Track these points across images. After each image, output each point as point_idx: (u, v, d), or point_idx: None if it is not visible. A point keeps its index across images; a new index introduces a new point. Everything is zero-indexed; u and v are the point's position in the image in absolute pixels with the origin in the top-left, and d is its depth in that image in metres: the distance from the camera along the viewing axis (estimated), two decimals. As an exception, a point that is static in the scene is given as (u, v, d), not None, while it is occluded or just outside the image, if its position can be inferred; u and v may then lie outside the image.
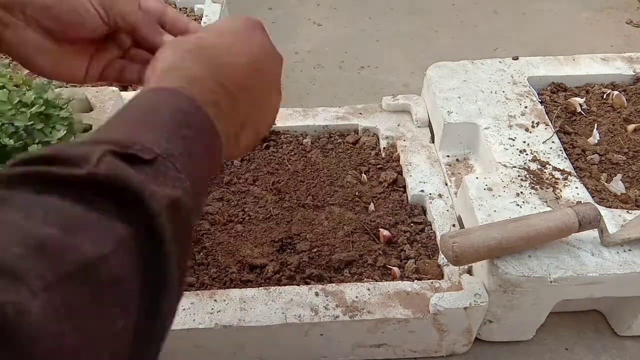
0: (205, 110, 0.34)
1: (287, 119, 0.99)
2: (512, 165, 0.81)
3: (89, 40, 0.47)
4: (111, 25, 0.46)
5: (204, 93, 0.35)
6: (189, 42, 0.39)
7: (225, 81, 0.37)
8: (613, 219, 0.72)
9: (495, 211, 0.73)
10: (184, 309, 0.68)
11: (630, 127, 0.90)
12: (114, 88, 0.94)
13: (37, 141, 0.76)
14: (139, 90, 0.35)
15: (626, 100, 0.95)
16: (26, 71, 0.89)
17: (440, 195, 0.84)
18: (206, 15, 1.29)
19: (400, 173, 0.90)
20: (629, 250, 0.68)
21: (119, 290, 0.24)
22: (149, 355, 0.28)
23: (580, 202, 0.74)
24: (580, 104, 0.94)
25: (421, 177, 0.87)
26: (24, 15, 0.42)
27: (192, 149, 0.32)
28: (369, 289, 0.70)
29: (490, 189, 0.77)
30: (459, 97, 0.93)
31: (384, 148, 0.95)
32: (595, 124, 0.92)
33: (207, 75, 0.36)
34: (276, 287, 0.72)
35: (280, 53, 0.44)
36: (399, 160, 0.92)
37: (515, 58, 1.02)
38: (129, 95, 1.03)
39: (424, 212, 0.85)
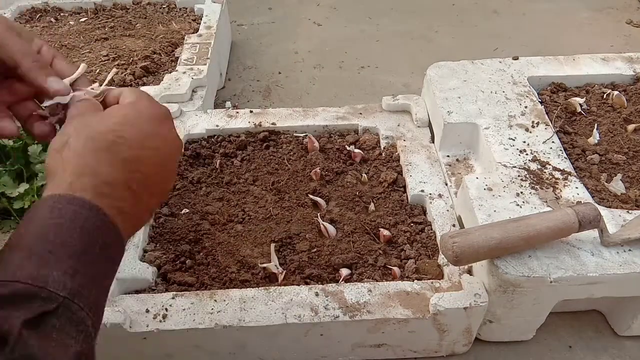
0: (114, 222, 0.37)
1: (287, 119, 0.99)
2: (512, 165, 0.81)
3: None
4: None
5: (113, 201, 0.37)
6: (105, 139, 0.39)
7: (133, 183, 0.39)
8: (613, 219, 0.72)
9: (495, 211, 0.73)
10: (184, 309, 0.68)
11: (630, 127, 0.90)
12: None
13: (37, 141, 0.76)
14: (48, 195, 0.36)
15: (626, 100, 0.95)
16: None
17: (440, 195, 0.84)
18: (206, 15, 1.29)
19: (400, 173, 0.90)
20: (629, 250, 0.68)
21: None
22: None
23: (580, 202, 0.74)
24: (580, 104, 0.94)
25: (421, 177, 0.87)
26: None
27: (97, 271, 0.36)
28: (369, 289, 0.70)
29: (490, 189, 0.77)
30: (459, 97, 0.93)
31: (384, 148, 0.95)
32: (595, 124, 0.92)
33: (119, 179, 0.38)
34: (276, 287, 0.72)
35: (180, 140, 0.47)
36: (399, 160, 0.92)
37: (515, 58, 1.02)
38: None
39: (424, 212, 0.85)
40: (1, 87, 0.48)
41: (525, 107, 0.91)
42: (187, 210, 0.85)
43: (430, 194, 0.85)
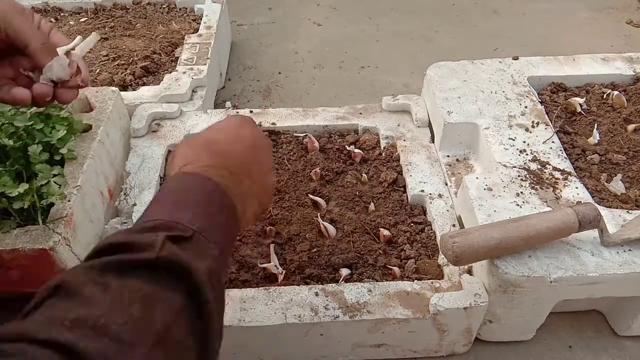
0: (223, 188, 0.47)
1: (287, 119, 0.99)
2: (512, 165, 0.81)
3: None
4: (3, 39, 0.53)
5: (217, 178, 0.47)
6: (199, 140, 0.53)
7: (229, 166, 0.50)
8: (613, 219, 0.72)
9: (495, 211, 0.73)
10: (184, 309, 0.68)
11: (630, 127, 0.90)
12: (113, 88, 0.94)
13: (37, 141, 0.76)
14: (172, 174, 0.49)
15: (626, 100, 0.95)
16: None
17: (440, 195, 0.84)
18: (206, 15, 1.29)
19: (400, 173, 0.90)
20: (629, 250, 0.68)
21: (181, 347, 0.35)
22: None
23: (580, 202, 0.74)
24: (580, 104, 0.94)
25: (421, 177, 0.87)
26: None
27: (216, 222, 0.44)
28: (369, 289, 0.70)
29: (490, 189, 0.77)
30: (459, 97, 0.93)
31: (384, 148, 0.95)
32: (595, 124, 0.92)
33: (216, 163, 0.49)
34: (276, 287, 0.72)
35: (269, 140, 0.60)
36: (399, 160, 0.92)
37: (515, 58, 1.02)
38: (128, 95, 1.04)
39: (424, 212, 0.85)
40: (7, 63, 0.57)
41: (525, 107, 0.91)
42: (187, 210, 0.85)
43: (430, 194, 0.84)
